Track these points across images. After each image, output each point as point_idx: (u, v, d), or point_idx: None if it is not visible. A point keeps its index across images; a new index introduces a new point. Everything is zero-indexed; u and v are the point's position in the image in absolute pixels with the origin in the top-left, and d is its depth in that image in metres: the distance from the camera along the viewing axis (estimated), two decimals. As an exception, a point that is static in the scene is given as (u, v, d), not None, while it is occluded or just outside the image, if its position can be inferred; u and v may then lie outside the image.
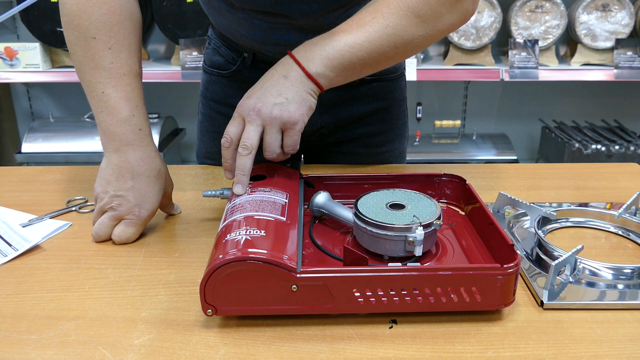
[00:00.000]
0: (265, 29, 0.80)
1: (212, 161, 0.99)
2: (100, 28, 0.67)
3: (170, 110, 2.57)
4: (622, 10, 2.17)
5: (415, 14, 0.65)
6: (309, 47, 0.67)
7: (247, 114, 0.65)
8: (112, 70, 0.67)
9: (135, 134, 0.68)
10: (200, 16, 2.13)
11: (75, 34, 0.67)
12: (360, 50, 0.66)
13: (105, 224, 0.67)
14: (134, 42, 0.70)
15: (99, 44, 0.67)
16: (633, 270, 0.58)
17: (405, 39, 0.66)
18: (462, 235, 0.65)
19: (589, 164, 1.02)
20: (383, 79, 0.93)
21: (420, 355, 0.48)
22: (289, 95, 0.65)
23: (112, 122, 0.68)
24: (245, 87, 0.92)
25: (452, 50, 2.23)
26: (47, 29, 2.16)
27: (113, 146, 0.68)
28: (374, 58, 0.67)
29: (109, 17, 0.67)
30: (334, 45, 0.66)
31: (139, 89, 0.70)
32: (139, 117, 0.69)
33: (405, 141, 1.02)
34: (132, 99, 0.68)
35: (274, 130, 0.65)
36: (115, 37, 0.68)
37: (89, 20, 0.66)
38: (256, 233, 0.53)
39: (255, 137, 0.65)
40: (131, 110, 0.68)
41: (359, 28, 0.66)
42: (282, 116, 0.65)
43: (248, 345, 0.49)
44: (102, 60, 0.67)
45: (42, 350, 0.49)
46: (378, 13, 0.66)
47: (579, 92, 2.61)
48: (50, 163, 2.23)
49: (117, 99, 0.68)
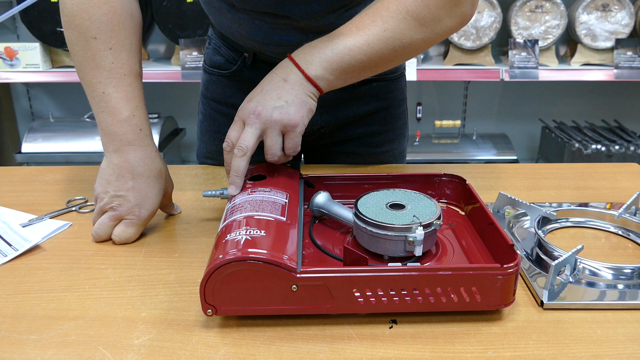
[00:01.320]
0: (266, 29, 0.81)
1: (213, 161, 0.99)
2: (101, 28, 0.67)
3: (170, 110, 2.57)
4: (622, 10, 2.17)
5: (414, 18, 0.65)
6: (308, 50, 0.67)
7: (247, 117, 0.66)
8: (113, 71, 0.67)
9: (136, 134, 0.68)
10: (200, 16, 2.13)
11: (76, 34, 0.67)
12: (360, 53, 0.66)
13: (105, 224, 0.67)
14: (134, 42, 0.70)
15: (100, 44, 0.67)
16: (633, 270, 0.58)
17: (404, 43, 0.67)
18: (462, 235, 0.65)
19: (589, 164, 1.02)
20: (383, 78, 0.93)
21: (420, 355, 0.48)
22: (289, 98, 0.65)
23: (113, 123, 0.68)
24: (245, 86, 0.92)
25: (452, 50, 2.23)
26: (47, 29, 2.16)
27: (113, 146, 0.68)
28: (373, 61, 0.67)
29: (109, 17, 0.67)
30: (334, 49, 0.66)
31: (140, 89, 0.70)
32: (139, 117, 0.69)
33: (406, 141, 1.02)
34: (132, 99, 0.68)
35: (275, 133, 0.66)
36: (116, 37, 0.68)
37: (89, 20, 0.66)
38: (256, 233, 0.53)
39: (252, 140, 0.65)
40: (132, 110, 0.68)
41: (358, 31, 0.66)
42: (282, 119, 0.65)
43: (248, 345, 0.49)
44: (102, 61, 0.67)
45: (42, 350, 0.49)
46: (377, 16, 0.66)
47: (579, 92, 2.61)
48: (50, 163, 2.23)
49: (118, 99, 0.67)
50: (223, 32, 0.89)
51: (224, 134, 1.02)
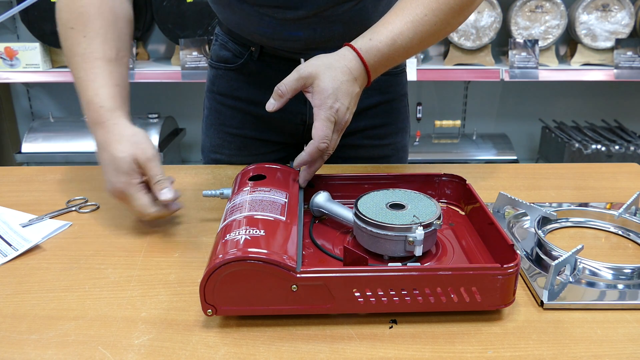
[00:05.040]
0: (275, 25, 0.82)
1: (219, 155, 0.99)
2: (78, 19, 0.72)
3: (170, 110, 2.56)
4: (622, 10, 2.16)
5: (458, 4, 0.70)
6: (377, 54, 0.69)
7: (330, 112, 0.66)
8: (85, 56, 0.71)
9: (97, 112, 0.69)
10: (200, 16, 2.13)
11: (60, 27, 0.73)
12: (408, 54, 0.71)
13: (142, 198, 0.67)
14: (110, 31, 0.73)
15: (76, 33, 0.71)
16: (633, 270, 0.58)
17: (446, 31, 0.72)
18: (462, 235, 0.65)
19: (589, 164, 1.02)
20: (387, 73, 0.95)
21: (420, 355, 0.48)
22: (354, 100, 0.70)
23: (83, 105, 0.70)
24: (252, 80, 0.93)
25: (452, 50, 2.23)
26: (47, 29, 2.16)
27: (91, 128, 0.70)
28: (409, 55, 0.72)
29: (86, 9, 0.72)
30: (395, 57, 0.70)
31: (110, 71, 0.71)
32: (102, 95, 0.70)
33: (407, 136, 1.04)
34: (97, 79, 0.70)
35: (339, 134, 0.69)
36: (91, 26, 0.71)
37: (69, 12, 0.72)
38: (256, 233, 0.53)
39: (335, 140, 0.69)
40: (95, 90, 0.70)
41: (412, 25, 0.69)
42: (348, 122, 0.69)
43: (248, 345, 0.49)
44: (77, 48, 0.71)
45: (42, 350, 0.49)
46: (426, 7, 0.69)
47: (579, 92, 2.61)
48: (50, 163, 2.23)
49: (86, 81, 0.70)
50: (232, 28, 0.90)
51: (229, 127, 1.03)
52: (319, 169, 0.71)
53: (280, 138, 0.98)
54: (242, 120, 0.96)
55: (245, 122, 0.96)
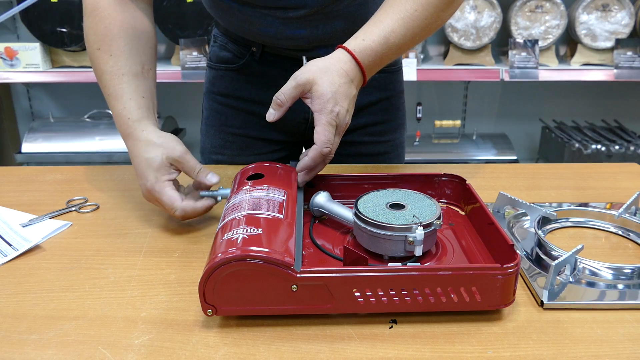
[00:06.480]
0: (278, 25, 0.82)
1: (220, 156, 0.99)
2: (103, 40, 0.75)
3: (170, 110, 2.57)
4: (622, 10, 2.17)
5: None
6: (371, 54, 0.69)
7: (331, 116, 0.67)
8: (112, 73, 0.74)
9: (126, 125, 0.72)
10: (200, 16, 2.13)
11: (88, 48, 0.77)
12: (401, 50, 0.72)
13: (170, 193, 0.69)
14: (134, 48, 0.76)
15: (103, 53, 0.75)
16: (633, 270, 0.58)
17: (437, 24, 0.73)
18: (462, 235, 0.65)
19: (589, 164, 1.02)
20: (384, 70, 0.95)
21: (420, 355, 0.48)
22: (353, 102, 0.70)
23: (115, 119, 0.74)
24: (254, 79, 0.93)
25: (452, 50, 2.23)
26: (47, 29, 2.16)
27: (123, 140, 0.73)
28: (402, 51, 0.73)
29: (109, 30, 0.75)
30: (389, 55, 0.70)
31: (137, 85, 0.74)
32: (129, 108, 0.73)
33: (405, 132, 1.05)
34: (125, 94, 0.73)
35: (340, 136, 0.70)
36: (115, 45, 0.75)
37: (94, 35, 0.76)
38: (254, 231, 0.53)
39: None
40: (123, 103, 0.73)
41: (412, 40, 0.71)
42: (348, 124, 0.69)
43: (248, 345, 0.49)
44: (105, 66, 0.75)
45: (42, 350, 0.49)
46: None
47: (579, 92, 2.61)
48: (50, 163, 2.23)
49: (115, 97, 0.73)
50: (233, 31, 0.91)
51: (230, 127, 1.03)
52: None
53: (282, 137, 0.98)
54: (245, 120, 0.96)
55: (247, 122, 0.96)
